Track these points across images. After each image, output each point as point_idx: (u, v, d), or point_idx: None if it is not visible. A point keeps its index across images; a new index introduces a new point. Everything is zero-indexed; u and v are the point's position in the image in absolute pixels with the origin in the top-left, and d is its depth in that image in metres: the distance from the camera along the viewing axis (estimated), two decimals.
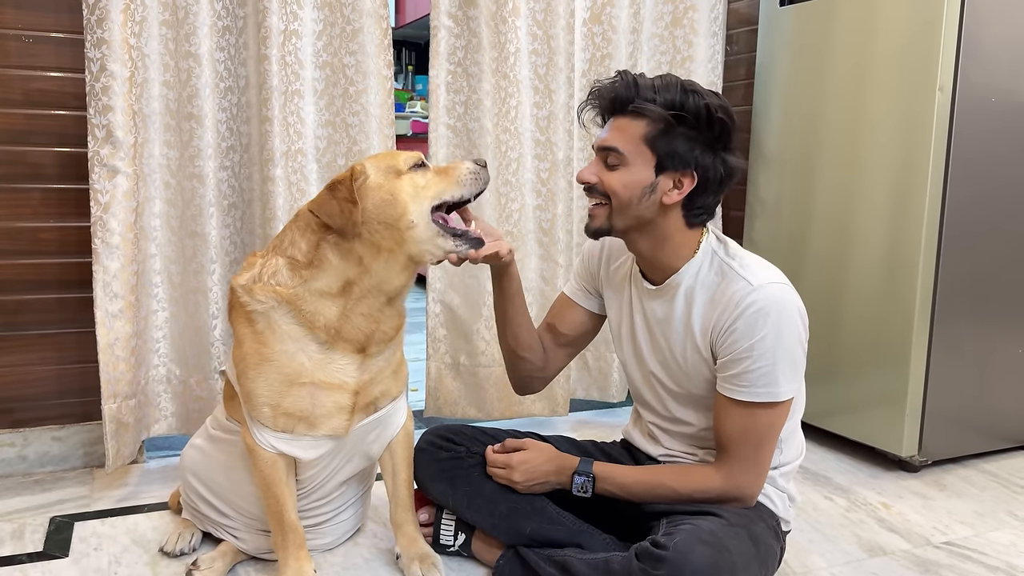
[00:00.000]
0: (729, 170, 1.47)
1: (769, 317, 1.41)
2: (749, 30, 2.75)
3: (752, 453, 1.48)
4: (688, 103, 1.41)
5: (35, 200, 2.10)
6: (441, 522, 1.74)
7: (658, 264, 1.53)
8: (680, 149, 1.43)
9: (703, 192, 1.46)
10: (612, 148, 1.45)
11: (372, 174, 1.46)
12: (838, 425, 2.45)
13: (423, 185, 1.47)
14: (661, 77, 1.46)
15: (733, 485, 1.49)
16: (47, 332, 2.15)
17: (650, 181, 1.44)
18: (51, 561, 1.72)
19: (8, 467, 2.16)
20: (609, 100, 1.48)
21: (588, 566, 1.44)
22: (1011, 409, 2.43)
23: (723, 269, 1.49)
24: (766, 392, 1.43)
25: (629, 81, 1.46)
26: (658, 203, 1.46)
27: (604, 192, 1.47)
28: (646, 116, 1.42)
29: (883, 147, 2.25)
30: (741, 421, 1.46)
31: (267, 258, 1.51)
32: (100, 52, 1.94)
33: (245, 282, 1.49)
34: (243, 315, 1.49)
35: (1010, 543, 1.90)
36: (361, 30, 2.21)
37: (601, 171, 1.48)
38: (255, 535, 1.69)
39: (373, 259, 1.45)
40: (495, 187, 2.41)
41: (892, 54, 2.22)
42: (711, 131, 1.43)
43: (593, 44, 2.53)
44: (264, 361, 1.47)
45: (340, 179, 1.46)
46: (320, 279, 1.46)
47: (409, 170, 1.47)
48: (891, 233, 2.24)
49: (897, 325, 2.24)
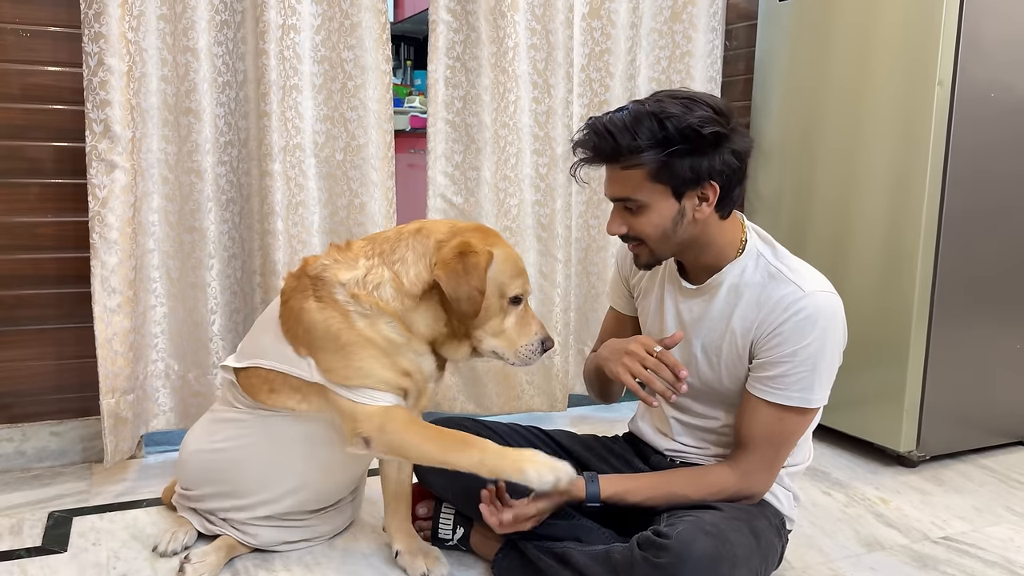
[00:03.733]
0: (741, 154, 1.43)
1: (817, 324, 1.42)
2: (748, 25, 2.75)
3: (772, 454, 1.48)
4: (669, 131, 1.36)
5: (33, 195, 2.09)
6: (440, 516, 1.74)
7: (702, 265, 1.53)
8: (687, 171, 1.39)
9: (729, 188, 1.44)
10: (625, 198, 1.44)
11: (490, 276, 1.47)
12: (837, 421, 2.45)
13: (505, 328, 1.52)
14: (628, 111, 1.40)
15: (747, 484, 1.49)
16: (45, 327, 2.15)
17: (676, 210, 1.43)
18: (49, 556, 1.72)
19: (6, 462, 2.16)
20: (594, 154, 1.45)
21: (588, 557, 1.44)
22: (1009, 404, 2.43)
23: (772, 271, 1.48)
24: (800, 397, 1.44)
25: (601, 131, 1.41)
26: (692, 222, 1.45)
27: (636, 237, 1.47)
28: (638, 165, 1.39)
29: (882, 142, 2.25)
30: (768, 422, 1.46)
31: (373, 263, 1.51)
32: (98, 46, 1.94)
33: (347, 282, 1.48)
34: (338, 310, 1.48)
35: (1008, 538, 1.90)
36: (359, 25, 2.21)
37: (625, 218, 1.46)
38: (268, 528, 1.68)
39: (449, 333, 1.53)
40: (494, 182, 2.41)
41: (891, 49, 2.21)
42: (705, 141, 1.38)
43: (592, 39, 2.52)
44: (368, 344, 1.48)
45: (476, 263, 1.45)
46: (417, 317, 1.50)
47: (507, 299, 1.51)
48: (890, 228, 2.24)
49: (896, 320, 2.24)
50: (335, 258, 1.52)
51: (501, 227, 2.43)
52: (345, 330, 1.47)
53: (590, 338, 2.65)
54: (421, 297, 1.49)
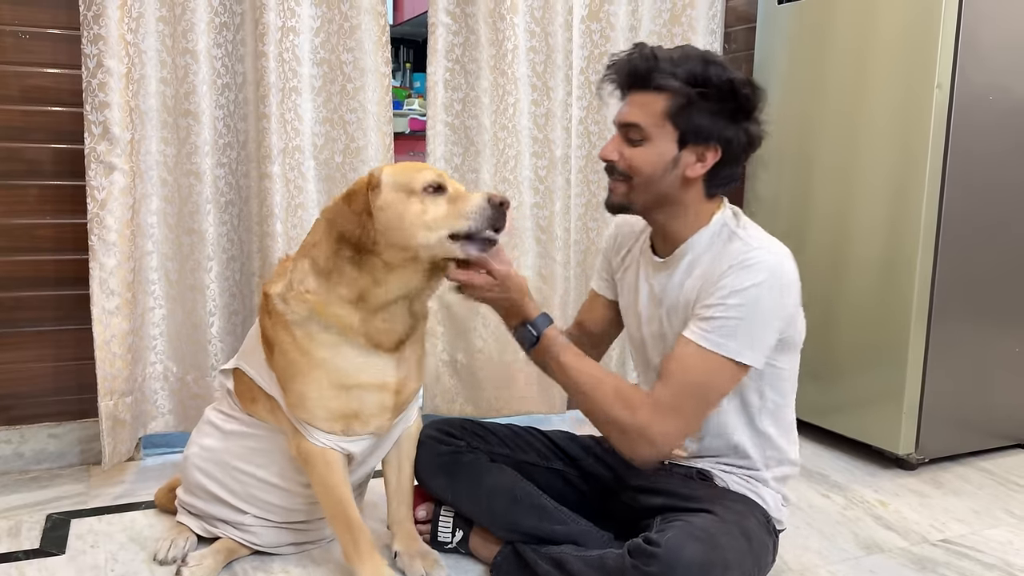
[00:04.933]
0: (752, 139, 1.45)
1: (758, 276, 1.38)
2: (747, 28, 2.75)
3: (684, 398, 1.40)
4: (711, 76, 1.38)
5: (32, 197, 2.09)
6: (439, 519, 1.74)
7: (669, 235, 1.51)
8: (703, 123, 1.40)
9: (727, 163, 1.45)
10: (634, 124, 1.43)
11: (384, 190, 1.43)
12: (835, 423, 2.45)
13: (432, 217, 1.41)
14: (680, 48, 1.44)
15: (653, 420, 1.39)
16: (44, 329, 2.15)
17: (673, 156, 1.42)
18: (47, 558, 1.72)
19: (4, 464, 2.15)
20: (627, 74, 1.45)
21: (583, 563, 1.44)
22: (1008, 407, 2.43)
23: (728, 236, 1.47)
24: (721, 344, 1.38)
25: (647, 54, 1.42)
26: (681, 177, 1.44)
27: (625, 170, 1.45)
28: (667, 91, 1.39)
29: (881, 145, 2.25)
30: (687, 362, 1.40)
31: (296, 262, 1.51)
32: (97, 48, 1.94)
33: (280, 291, 1.50)
34: (281, 324, 1.49)
35: (1006, 540, 1.90)
36: (359, 27, 2.21)
37: (623, 147, 1.46)
38: (270, 528, 1.68)
39: (386, 272, 1.44)
40: (493, 184, 2.41)
41: (890, 52, 2.22)
42: (735, 103, 1.40)
43: (591, 41, 2.52)
44: (312, 368, 1.48)
45: (356, 188, 1.44)
46: (339, 287, 1.46)
47: (423, 192, 1.43)
48: (889, 231, 2.24)
49: (894, 323, 2.24)
50: (277, 272, 1.56)
51: None
52: (289, 345, 1.49)
53: None
54: (337, 266, 1.45)
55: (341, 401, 1.50)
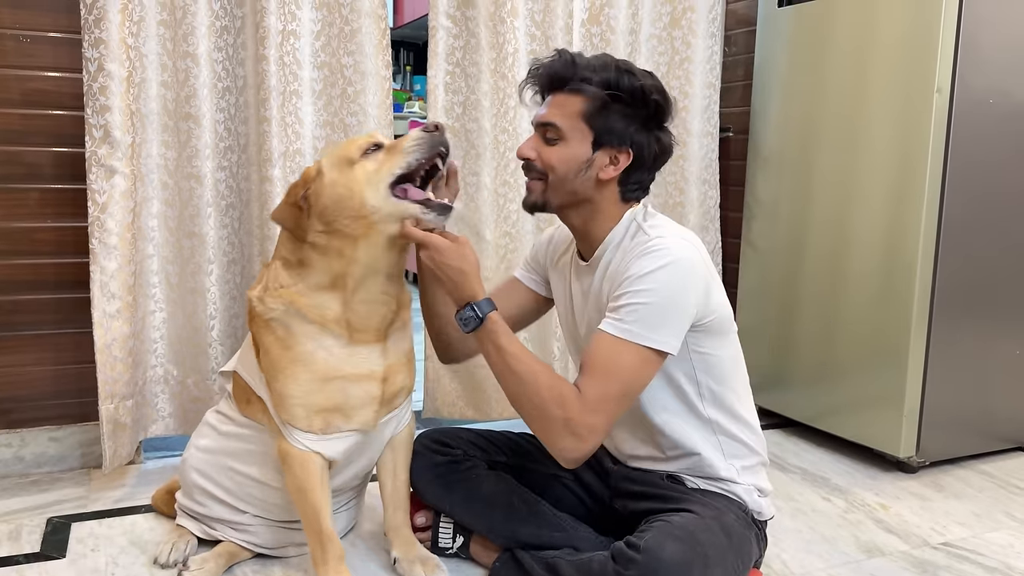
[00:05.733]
0: (663, 148, 1.51)
1: (660, 260, 1.40)
2: (747, 31, 2.75)
3: (605, 387, 1.38)
4: (623, 83, 1.45)
5: (32, 200, 2.09)
6: (440, 525, 1.74)
7: (588, 238, 1.55)
8: (616, 126, 1.46)
9: (638, 168, 1.50)
10: (550, 123, 1.48)
11: (326, 171, 1.48)
12: (836, 426, 2.45)
13: (374, 169, 1.46)
14: (598, 57, 1.50)
15: (583, 417, 1.37)
16: (44, 332, 2.15)
17: (587, 157, 1.47)
18: (48, 562, 1.72)
19: (5, 468, 2.15)
20: (548, 77, 1.51)
21: (573, 567, 1.45)
22: (1008, 410, 2.43)
23: (636, 230, 1.51)
24: (633, 331, 1.38)
25: (567, 59, 1.48)
26: (594, 179, 1.49)
27: (542, 168, 1.50)
28: (583, 94, 1.45)
29: (881, 148, 2.25)
30: (604, 352, 1.39)
31: (271, 265, 1.55)
32: (98, 52, 1.94)
33: (258, 292, 1.53)
34: (262, 324, 1.52)
35: (1007, 544, 1.90)
36: (359, 30, 2.21)
37: (540, 146, 1.50)
38: (269, 529, 1.68)
39: (353, 249, 1.46)
40: (493, 188, 2.41)
41: (890, 55, 2.22)
42: (646, 109, 1.46)
43: (591, 45, 2.53)
44: (292, 363, 1.49)
45: (292, 184, 1.50)
46: (311, 276, 1.49)
47: (362, 157, 1.47)
48: (889, 234, 2.24)
49: (895, 326, 2.24)
50: (258, 278, 1.58)
51: (500, 232, 2.43)
52: (271, 343, 1.50)
53: None
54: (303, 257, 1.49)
55: (323, 395, 1.49)
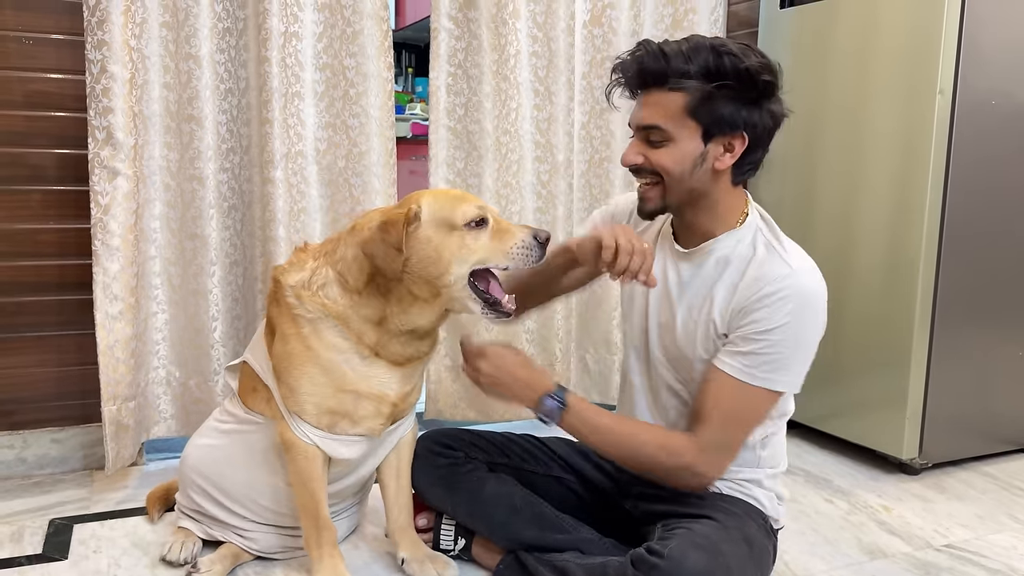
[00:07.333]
0: (776, 119, 1.41)
1: (797, 306, 1.37)
2: (749, 32, 2.75)
3: (731, 434, 1.42)
4: (725, 66, 1.33)
5: (35, 202, 2.09)
6: (441, 527, 1.73)
7: (697, 229, 1.48)
8: (726, 113, 1.36)
9: (754, 148, 1.41)
10: (654, 126, 1.38)
11: (424, 223, 1.42)
12: (839, 428, 2.45)
13: (472, 249, 1.42)
14: (687, 40, 1.38)
15: (703, 460, 1.41)
16: (47, 334, 2.15)
17: (700, 151, 1.38)
18: (50, 564, 1.72)
19: (7, 469, 2.15)
20: (639, 76, 1.40)
21: (585, 571, 1.43)
22: (1011, 412, 2.43)
23: (763, 246, 1.44)
24: (765, 379, 1.39)
25: (655, 51, 1.37)
26: (711, 171, 1.40)
27: (653, 170, 1.41)
28: (684, 90, 1.35)
29: (884, 150, 2.25)
30: (731, 399, 1.40)
31: (319, 263, 1.50)
32: (100, 54, 1.94)
33: (295, 284, 1.49)
34: (288, 315, 1.50)
35: (1011, 546, 1.90)
36: (361, 32, 2.21)
37: (645, 150, 1.41)
38: (267, 533, 1.68)
39: (410, 304, 1.46)
40: (495, 189, 2.41)
41: (892, 57, 2.22)
42: (755, 89, 1.36)
43: (593, 46, 2.53)
44: (311, 363, 1.48)
45: (393, 220, 1.42)
46: (364, 308, 1.47)
47: (464, 227, 1.42)
48: (892, 236, 2.24)
49: (898, 328, 2.24)
50: (291, 261, 1.55)
51: None
52: (293, 336, 1.49)
53: (591, 345, 2.65)
54: (368, 289, 1.47)
55: (335, 400, 1.50)
